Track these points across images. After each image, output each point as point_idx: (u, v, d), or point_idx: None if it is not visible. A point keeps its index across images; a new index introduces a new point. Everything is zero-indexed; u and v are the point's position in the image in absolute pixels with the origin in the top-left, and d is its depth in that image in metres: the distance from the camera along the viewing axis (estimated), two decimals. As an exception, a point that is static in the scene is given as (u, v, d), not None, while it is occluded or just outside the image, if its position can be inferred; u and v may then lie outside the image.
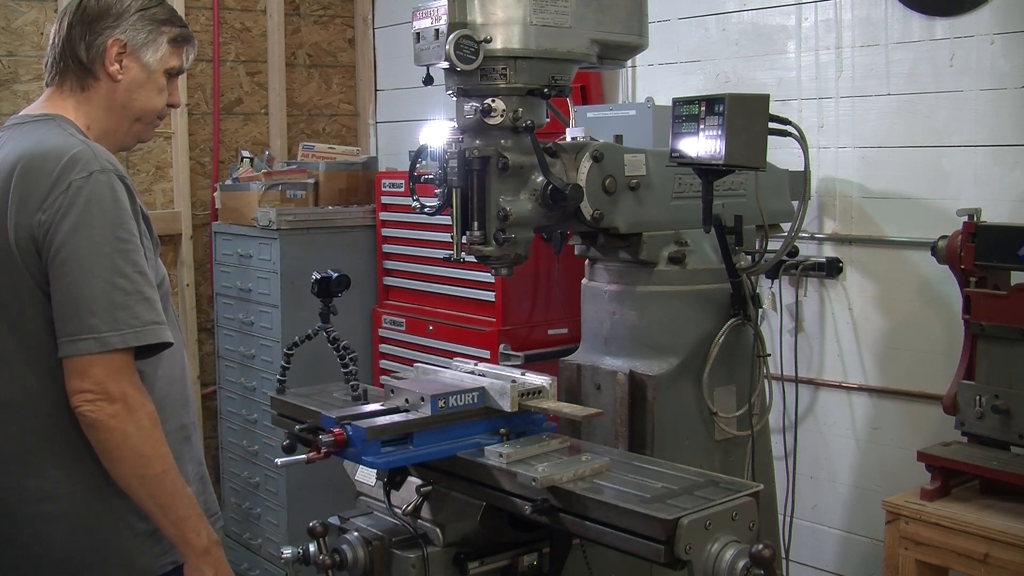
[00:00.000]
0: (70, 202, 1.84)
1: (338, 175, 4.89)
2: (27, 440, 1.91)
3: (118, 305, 1.83)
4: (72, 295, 1.82)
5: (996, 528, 2.60)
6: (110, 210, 1.87)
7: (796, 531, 3.32)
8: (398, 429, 2.18)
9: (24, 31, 4.53)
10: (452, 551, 2.25)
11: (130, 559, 1.93)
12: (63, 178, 1.86)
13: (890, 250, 3.32)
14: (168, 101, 2.16)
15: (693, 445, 2.65)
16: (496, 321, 3.87)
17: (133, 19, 2.07)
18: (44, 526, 1.91)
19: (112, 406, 1.83)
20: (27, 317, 1.89)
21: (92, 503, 1.91)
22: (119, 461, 1.88)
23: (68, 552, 1.90)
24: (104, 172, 1.88)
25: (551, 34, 2.40)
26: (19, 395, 1.91)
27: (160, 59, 2.10)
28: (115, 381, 1.82)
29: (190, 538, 1.94)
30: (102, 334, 1.81)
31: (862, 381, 3.42)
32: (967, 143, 3.11)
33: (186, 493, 1.95)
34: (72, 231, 1.83)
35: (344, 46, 5.48)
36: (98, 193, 1.86)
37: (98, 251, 1.83)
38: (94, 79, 2.05)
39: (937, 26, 3.15)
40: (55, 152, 1.90)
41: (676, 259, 2.67)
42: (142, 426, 1.86)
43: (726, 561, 1.83)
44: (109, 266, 1.84)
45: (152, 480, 1.89)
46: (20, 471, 1.92)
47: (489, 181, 2.42)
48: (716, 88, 3.71)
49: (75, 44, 2.04)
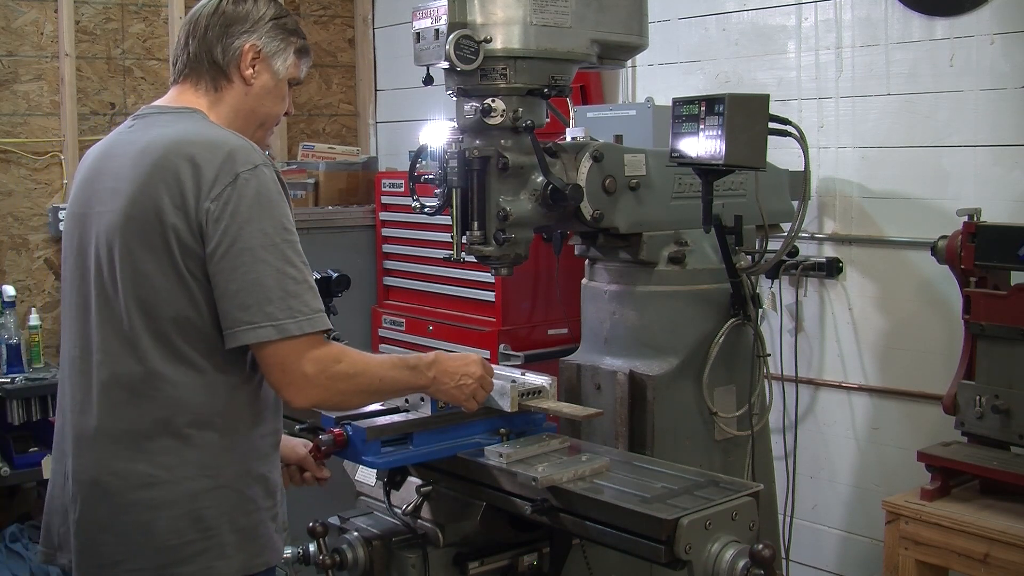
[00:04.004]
0: (240, 194, 1.88)
1: (338, 175, 4.90)
2: (143, 424, 1.91)
3: (291, 294, 1.89)
4: (249, 284, 1.86)
5: (996, 528, 2.60)
6: (277, 203, 1.92)
7: (796, 531, 3.32)
8: (398, 429, 2.18)
9: (24, 31, 4.53)
10: (452, 551, 2.25)
11: (226, 555, 1.93)
12: (228, 169, 1.89)
13: (890, 250, 3.32)
14: (286, 110, 2.22)
15: (693, 445, 2.65)
16: (496, 321, 3.87)
17: (268, 26, 2.11)
18: (147, 513, 1.90)
19: (314, 388, 1.91)
20: (161, 300, 1.90)
21: (199, 494, 1.91)
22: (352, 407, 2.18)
23: (167, 542, 1.90)
24: (267, 166, 1.94)
25: (551, 34, 2.40)
26: (142, 377, 1.91)
27: (287, 68, 2.14)
28: (299, 365, 1.89)
29: (418, 385, 2.14)
30: (279, 321, 1.87)
31: (862, 381, 3.42)
32: (967, 143, 3.11)
33: (393, 375, 2.08)
34: (246, 222, 1.87)
35: (344, 46, 5.48)
36: (265, 186, 1.91)
37: (270, 242, 1.88)
38: (227, 81, 2.09)
39: (937, 26, 3.15)
40: (212, 142, 1.93)
41: (676, 259, 2.67)
42: (347, 390, 1.98)
43: (726, 561, 1.83)
44: (281, 256, 1.89)
45: (380, 395, 2.15)
46: (130, 455, 1.91)
47: (489, 181, 2.42)
48: (716, 88, 3.71)
49: (212, 45, 2.08)
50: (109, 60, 4.73)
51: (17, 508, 4.41)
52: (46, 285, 4.62)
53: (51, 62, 4.59)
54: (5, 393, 4.01)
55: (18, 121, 4.53)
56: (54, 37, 4.58)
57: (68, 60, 4.56)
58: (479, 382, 2.20)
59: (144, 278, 1.91)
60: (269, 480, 2.01)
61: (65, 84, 4.56)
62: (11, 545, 4.11)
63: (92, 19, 4.68)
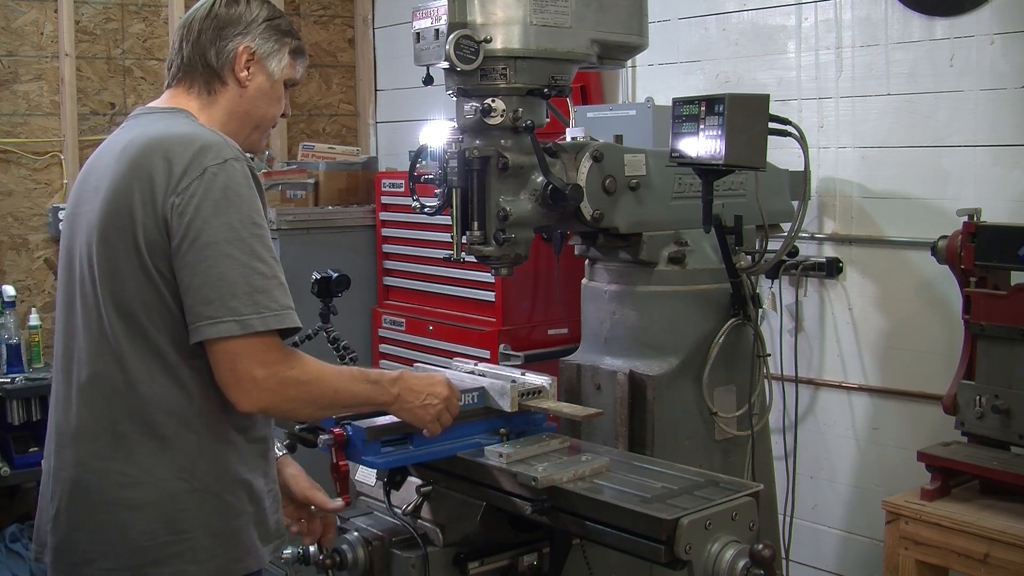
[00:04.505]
0: (207, 188, 1.86)
1: (338, 175, 4.89)
2: (120, 422, 1.91)
3: (258, 288, 1.86)
4: (212, 279, 1.84)
5: (996, 528, 2.60)
6: (247, 197, 1.90)
7: (796, 531, 3.32)
8: (398, 429, 2.18)
9: (24, 31, 4.53)
10: (452, 551, 2.25)
11: (199, 559, 1.91)
12: (197, 163, 1.88)
13: (890, 250, 3.32)
14: (282, 111, 2.21)
15: (693, 445, 2.65)
16: (496, 321, 3.87)
17: (261, 28, 2.10)
18: (123, 513, 1.89)
19: (262, 391, 1.86)
20: (134, 298, 1.89)
21: (175, 496, 1.90)
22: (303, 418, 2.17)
23: (141, 543, 1.89)
24: (238, 160, 1.92)
25: (551, 34, 2.40)
26: (119, 376, 1.90)
27: (282, 69, 2.13)
28: (249, 366, 1.85)
29: (379, 401, 2.08)
30: (243, 317, 1.83)
31: (862, 381, 3.42)
32: (967, 143, 3.11)
33: (351, 389, 2.02)
34: (212, 216, 1.85)
35: (344, 46, 5.48)
36: (234, 180, 1.88)
37: (237, 236, 1.86)
38: (221, 84, 2.08)
39: (937, 26, 3.15)
40: (186, 138, 1.92)
41: (676, 259, 2.67)
42: (298, 397, 1.92)
43: (726, 561, 1.83)
44: (248, 251, 1.86)
45: (335, 408, 2.09)
46: (109, 454, 1.91)
47: (489, 181, 2.42)
48: (716, 88, 3.71)
49: (205, 48, 2.07)
50: (109, 60, 4.73)
51: (17, 508, 4.41)
52: (46, 285, 4.62)
53: (51, 62, 4.59)
54: (5, 393, 4.01)
55: (18, 121, 4.54)
56: (54, 37, 4.58)
57: (68, 60, 4.56)
58: (445, 403, 2.13)
59: (118, 277, 1.90)
60: (254, 486, 1.98)
61: (65, 84, 4.57)
62: (11, 545, 4.11)
63: (92, 19, 4.68)
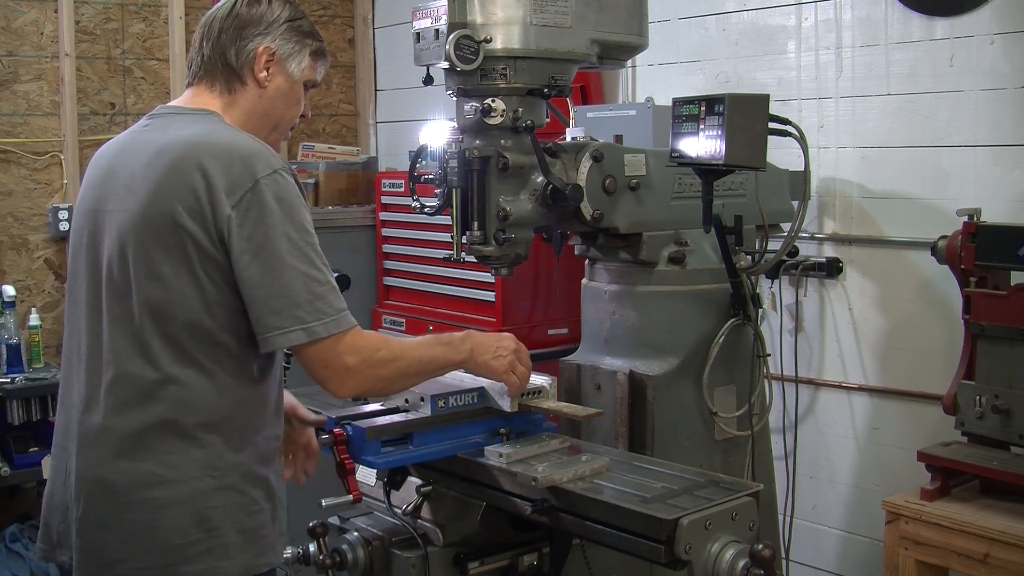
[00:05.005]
0: (261, 200, 1.89)
1: (338, 175, 4.90)
2: (150, 424, 1.91)
3: (317, 296, 1.91)
4: (277, 290, 1.89)
5: (996, 528, 2.60)
6: (297, 206, 1.94)
7: (796, 531, 3.32)
8: (398, 429, 2.18)
9: (24, 31, 4.53)
10: (452, 551, 2.25)
11: (230, 555, 1.93)
12: (248, 174, 1.90)
13: (890, 250, 3.32)
14: (301, 112, 2.22)
15: (693, 445, 2.65)
16: (496, 321, 3.87)
17: (282, 29, 2.12)
18: (152, 513, 1.90)
19: (356, 377, 1.96)
20: (175, 303, 1.91)
21: (205, 493, 1.92)
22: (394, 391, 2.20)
23: (172, 541, 1.90)
24: (287, 170, 1.96)
25: (551, 34, 2.40)
26: (151, 376, 1.92)
27: (303, 70, 2.15)
28: (340, 358, 1.94)
29: (455, 361, 2.16)
30: (308, 324, 1.90)
31: (862, 381, 3.42)
32: (967, 143, 3.11)
33: (431, 354, 2.12)
34: (271, 228, 1.89)
35: (344, 46, 5.48)
36: (285, 191, 1.93)
37: (295, 246, 1.91)
38: (241, 84, 2.09)
39: (937, 26, 3.15)
40: (228, 146, 1.94)
41: (676, 259, 2.67)
42: (387, 376, 2.02)
43: (726, 561, 1.83)
44: (306, 260, 1.92)
45: (421, 375, 2.13)
46: (136, 454, 1.92)
47: (489, 181, 2.42)
48: (716, 88, 3.71)
49: (225, 48, 2.08)
50: (109, 60, 4.73)
51: (17, 508, 4.41)
52: (46, 285, 4.62)
53: (51, 62, 4.59)
54: (5, 393, 4.01)
55: (18, 121, 4.53)
56: (54, 37, 4.58)
57: (68, 60, 4.56)
58: (515, 354, 2.22)
59: (158, 280, 1.91)
60: (270, 483, 2.02)
61: (65, 84, 4.56)
62: (11, 545, 4.11)
63: (92, 19, 4.68)
